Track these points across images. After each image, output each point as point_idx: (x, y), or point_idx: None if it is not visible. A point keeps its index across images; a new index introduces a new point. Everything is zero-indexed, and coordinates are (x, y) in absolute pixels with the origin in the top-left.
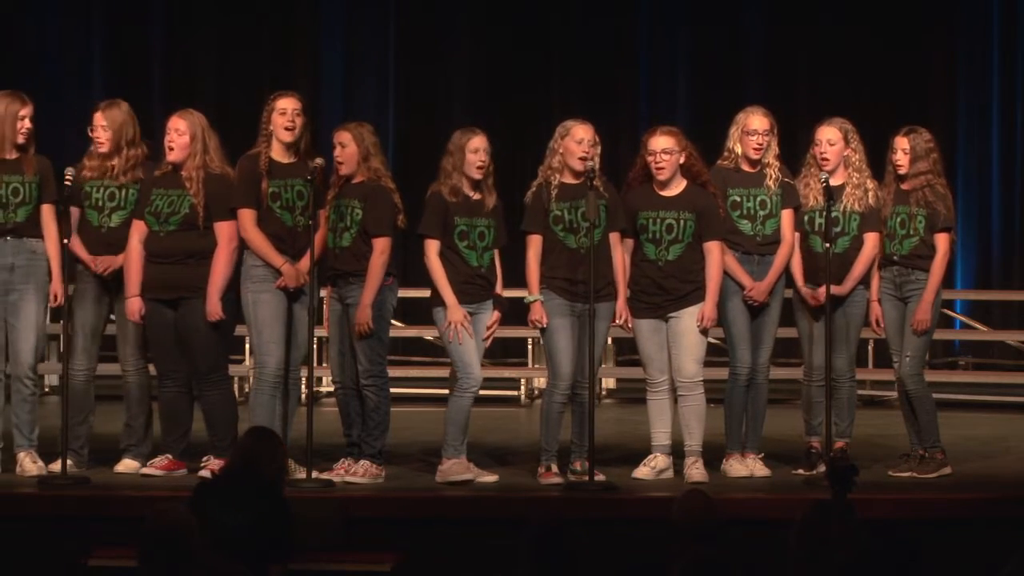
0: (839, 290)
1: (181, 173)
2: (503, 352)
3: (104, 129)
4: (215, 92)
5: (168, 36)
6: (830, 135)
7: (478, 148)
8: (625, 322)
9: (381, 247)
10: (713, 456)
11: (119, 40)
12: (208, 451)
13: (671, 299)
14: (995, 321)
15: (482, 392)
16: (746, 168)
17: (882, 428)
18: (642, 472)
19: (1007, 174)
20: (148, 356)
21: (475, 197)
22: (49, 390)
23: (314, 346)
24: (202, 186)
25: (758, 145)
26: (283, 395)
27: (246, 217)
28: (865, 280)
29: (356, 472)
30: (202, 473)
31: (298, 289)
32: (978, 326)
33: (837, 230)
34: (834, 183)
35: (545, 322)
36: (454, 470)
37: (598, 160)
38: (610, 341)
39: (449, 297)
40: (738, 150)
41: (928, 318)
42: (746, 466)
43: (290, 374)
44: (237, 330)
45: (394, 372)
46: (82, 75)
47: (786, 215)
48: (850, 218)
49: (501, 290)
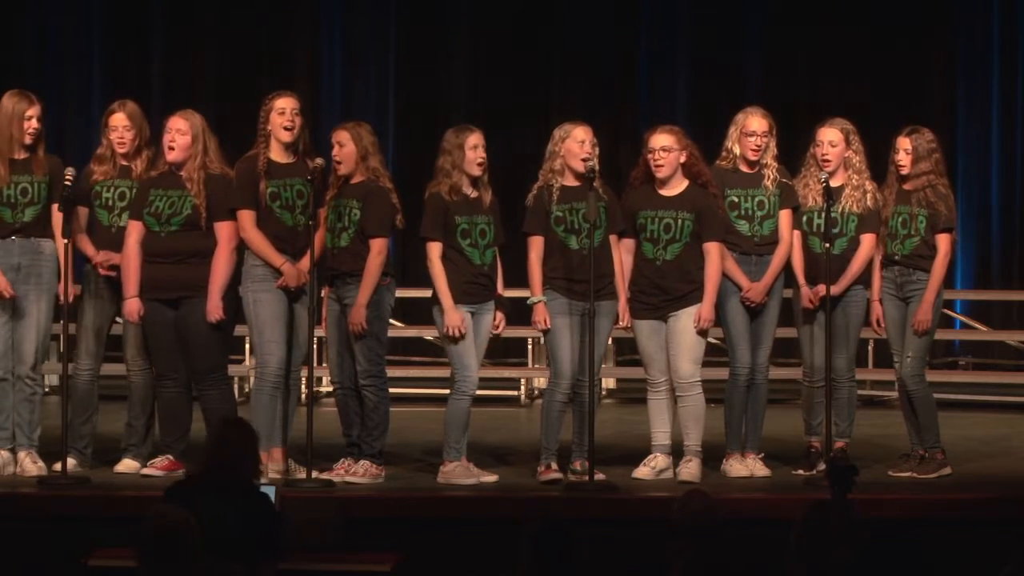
0: (833, 289)
1: (180, 174)
2: (503, 352)
3: (127, 129)
4: (215, 92)
5: (168, 36)
6: (832, 136)
7: (476, 145)
8: (626, 323)
9: (378, 248)
10: (713, 456)
11: (119, 40)
12: None
13: (669, 299)
14: (995, 321)
15: (482, 392)
16: (744, 168)
17: (882, 428)
18: (642, 472)
19: (1007, 174)
20: (119, 354)
21: (473, 195)
22: (49, 390)
23: (314, 346)
24: (203, 187)
25: (756, 146)
26: (283, 394)
27: (245, 218)
28: (864, 280)
29: (356, 472)
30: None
31: (299, 289)
32: (978, 326)
33: (835, 231)
34: (834, 184)
35: (548, 325)
36: (456, 473)
37: (597, 161)
38: (610, 341)
39: (447, 300)
40: (736, 151)
41: (929, 318)
42: (746, 466)
43: (290, 374)
44: (237, 330)
45: (394, 372)
46: (82, 75)
47: (784, 215)
48: (848, 219)
49: (502, 289)
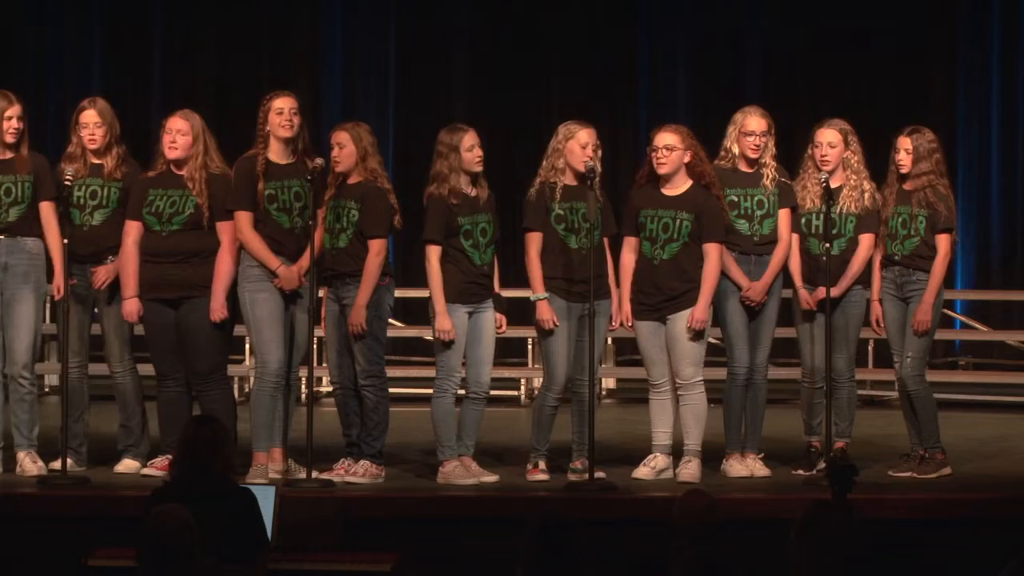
0: (834, 291)
1: (181, 173)
2: (503, 352)
3: (98, 126)
4: (215, 92)
5: (168, 36)
6: (831, 138)
7: (472, 145)
8: (624, 320)
9: (377, 248)
10: (713, 456)
11: (119, 40)
12: None
13: (668, 299)
14: (995, 321)
15: None
16: (743, 168)
17: (882, 428)
18: (642, 472)
19: (1007, 174)
20: (137, 356)
21: (473, 193)
22: (49, 390)
23: (314, 346)
24: (205, 186)
25: (755, 146)
26: (284, 395)
27: (242, 220)
28: (863, 280)
29: (356, 472)
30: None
31: (295, 290)
32: (978, 326)
33: (833, 232)
34: (832, 185)
35: (554, 323)
36: (455, 473)
37: (599, 165)
38: (610, 341)
39: (440, 305)
40: (735, 150)
41: (929, 319)
42: (746, 466)
43: (290, 374)
44: (237, 330)
45: (394, 372)
46: (82, 75)
47: (783, 215)
48: (846, 220)
49: (499, 288)
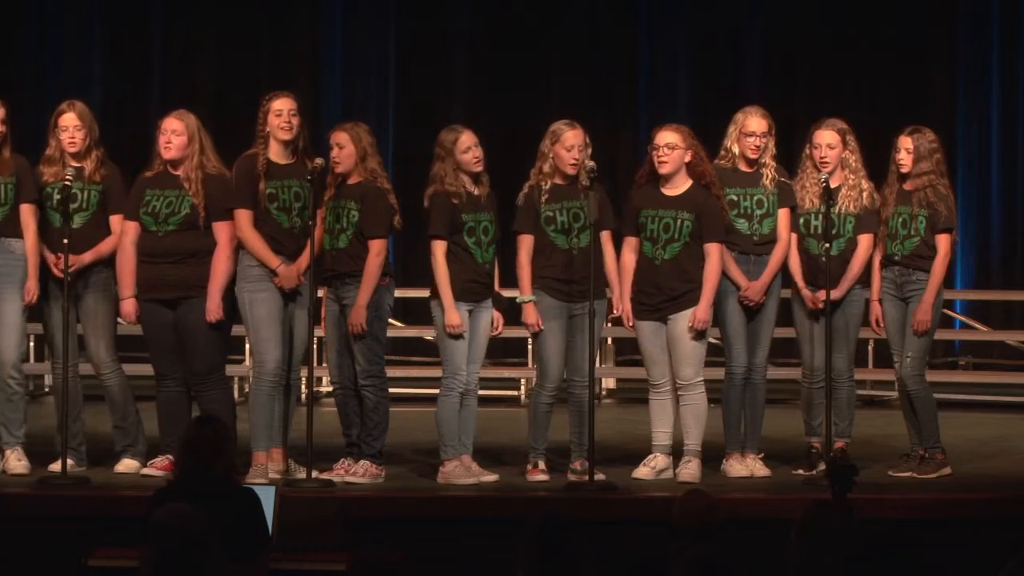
0: (835, 293)
1: (177, 173)
2: (503, 352)
3: (78, 129)
4: (215, 92)
5: (168, 36)
6: (829, 139)
7: (468, 147)
8: (625, 319)
9: (377, 248)
10: (713, 456)
11: (119, 40)
12: None
13: (669, 300)
14: (995, 321)
15: (482, 392)
16: (743, 168)
17: (882, 428)
18: (642, 472)
19: (1007, 174)
20: (127, 355)
21: (476, 192)
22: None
23: (314, 346)
24: (201, 186)
25: (756, 146)
26: (282, 394)
27: (242, 218)
28: (863, 280)
29: (356, 472)
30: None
31: (294, 289)
32: (978, 326)
33: (832, 232)
34: (831, 185)
35: (541, 326)
36: (455, 473)
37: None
38: (610, 341)
39: (448, 299)
40: (735, 150)
41: (928, 318)
42: (746, 466)
43: (290, 374)
44: (236, 330)
45: (394, 372)
46: (82, 76)
47: (782, 214)
48: (845, 220)
49: (498, 287)
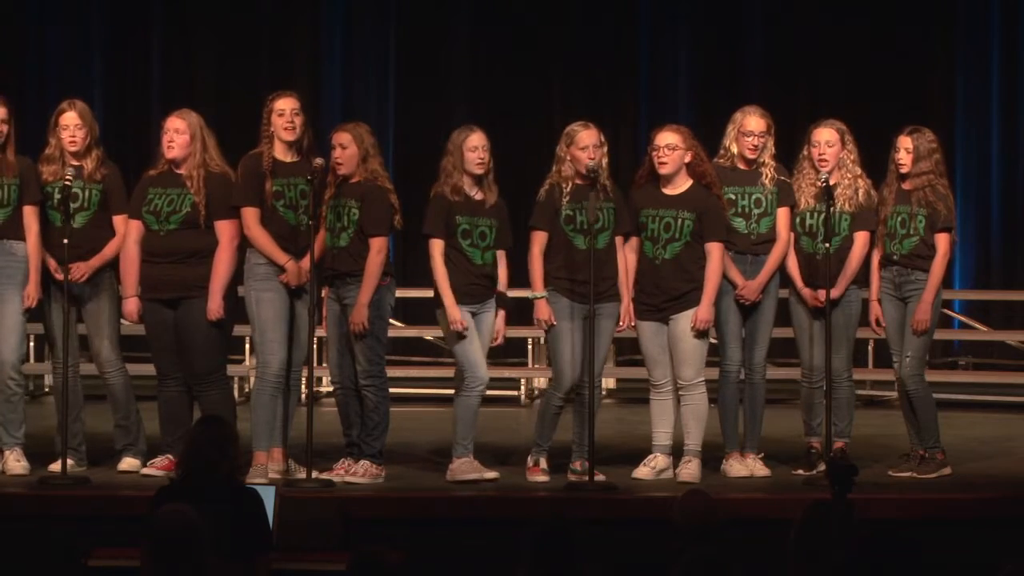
0: (833, 292)
1: (180, 172)
2: (503, 352)
3: (79, 128)
4: (215, 92)
5: (168, 36)
6: (828, 137)
7: (476, 146)
8: (629, 321)
9: (378, 247)
10: (713, 456)
11: (119, 40)
12: None
13: (670, 300)
14: (995, 321)
15: None
16: (742, 167)
17: (882, 428)
18: (642, 472)
19: (1007, 174)
20: (130, 355)
21: (477, 196)
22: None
23: (314, 346)
24: (203, 185)
25: (754, 146)
26: (284, 395)
27: (250, 216)
28: (860, 280)
29: (356, 472)
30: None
31: (299, 287)
32: (978, 326)
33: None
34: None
35: (553, 320)
36: (464, 469)
37: (605, 161)
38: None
39: (448, 298)
40: (734, 149)
41: (928, 318)
42: (746, 466)
43: (291, 374)
44: (237, 329)
45: (394, 372)
46: (82, 76)
47: (781, 214)
48: (841, 219)
49: (506, 287)
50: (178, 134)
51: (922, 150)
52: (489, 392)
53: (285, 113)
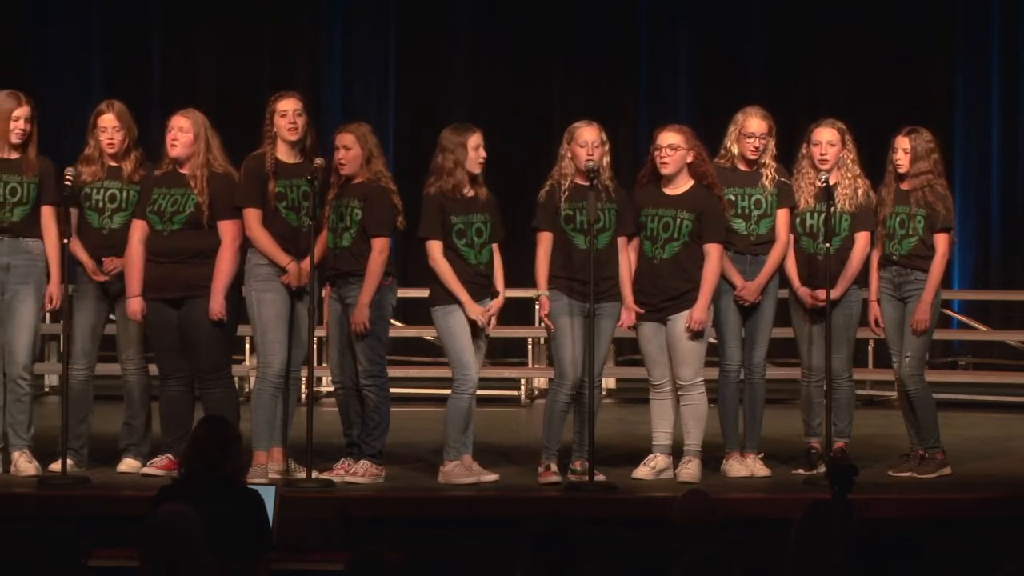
0: (834, 292)
1: (184, 172)
2: (503, 352)
3: (116, 130)
4: (215, 92)
5: (168, 36)
6: (829, 136)
7: (479, 145)
8: (629, 321)
9: (380, 247)
10: (713, 456)
11: (119, 40)
12: None
13: (668, 300)
14: (995, 321)
15: (482, 392)
16: (742, 167)
17: (882, 428)
18: (642, 472)
19: (1007, 174)
20: (150, 356)
21: (470, 194)
22: (49, 390)
23: (314, 346)
24: (206, 185)
25: (755, 147)
26: (284, 395)
27: (252, 216)
28: (859, 280)
29: (356, 472)
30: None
31: (300, 288)
32: (978, 326)
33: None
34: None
35: (551, 324)
36: (456, 472)
37: (607, 160)
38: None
39: (463, 295)
40: (735, 150)
41: (927, 318)
42: (746, 466)
43: (291, 374)
44: (238, 330)
45: (394, 372)
46: (82, 76)
47: (782, 215)
48: (841, 219)
49: (502, 286)
50: (182, 132)
51: (920, 150)
52: (489, 392)
53: (287, 114)
